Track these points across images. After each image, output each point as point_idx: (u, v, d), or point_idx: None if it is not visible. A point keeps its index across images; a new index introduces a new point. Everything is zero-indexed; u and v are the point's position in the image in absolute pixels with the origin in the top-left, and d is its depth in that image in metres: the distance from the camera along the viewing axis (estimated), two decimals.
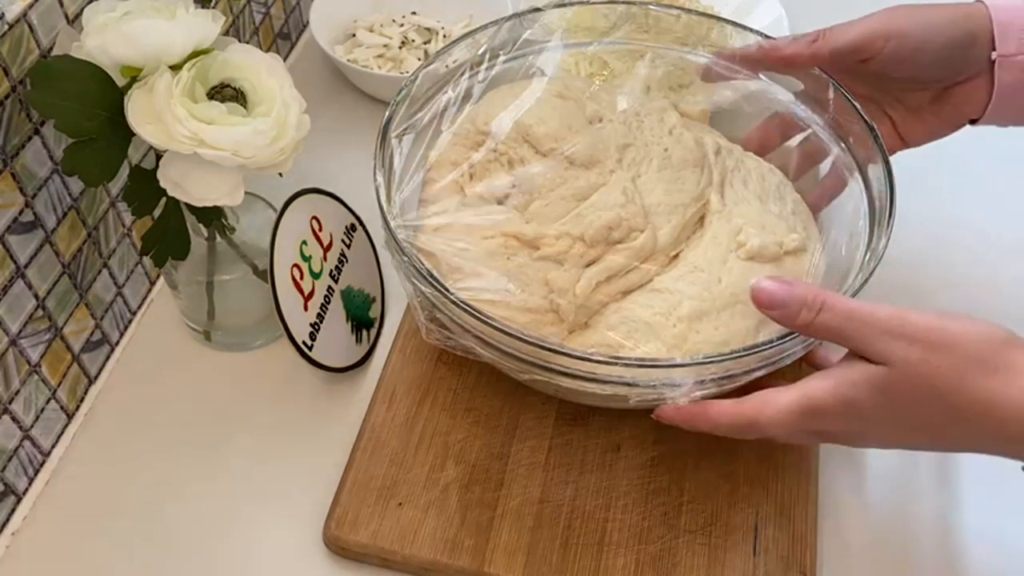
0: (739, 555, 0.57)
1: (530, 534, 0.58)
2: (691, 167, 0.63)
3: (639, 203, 0.60)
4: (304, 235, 0.65)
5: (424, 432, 0.63)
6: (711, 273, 0.58)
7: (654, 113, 0.65)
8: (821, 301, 0.48)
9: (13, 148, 0.54)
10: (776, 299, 0.49)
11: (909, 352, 0.46)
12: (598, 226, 0.58)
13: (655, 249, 0.60)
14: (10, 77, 0.53)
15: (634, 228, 0.59)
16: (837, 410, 0.48)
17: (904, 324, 0.46)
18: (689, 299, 0.57)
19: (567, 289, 0.57)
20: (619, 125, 0.63)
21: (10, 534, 0.60)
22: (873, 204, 0.60)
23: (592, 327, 0.58)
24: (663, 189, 0.61)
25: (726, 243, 0.60)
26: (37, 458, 0.62)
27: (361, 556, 0.58)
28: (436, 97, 0.64)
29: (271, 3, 0.85)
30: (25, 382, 0.59)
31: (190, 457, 0.63)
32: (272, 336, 0.69)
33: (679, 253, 0.61)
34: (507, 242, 0.58)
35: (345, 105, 0.87)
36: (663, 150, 0.63)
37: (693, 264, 0.59)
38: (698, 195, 0.62)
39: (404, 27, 0.90)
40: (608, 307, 0.59)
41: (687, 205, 0.61)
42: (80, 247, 0.62)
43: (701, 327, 0.56)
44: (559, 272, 0.58)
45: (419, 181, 0.62)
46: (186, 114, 0.51)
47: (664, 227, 0.60)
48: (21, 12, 0.53)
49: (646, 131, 0.64)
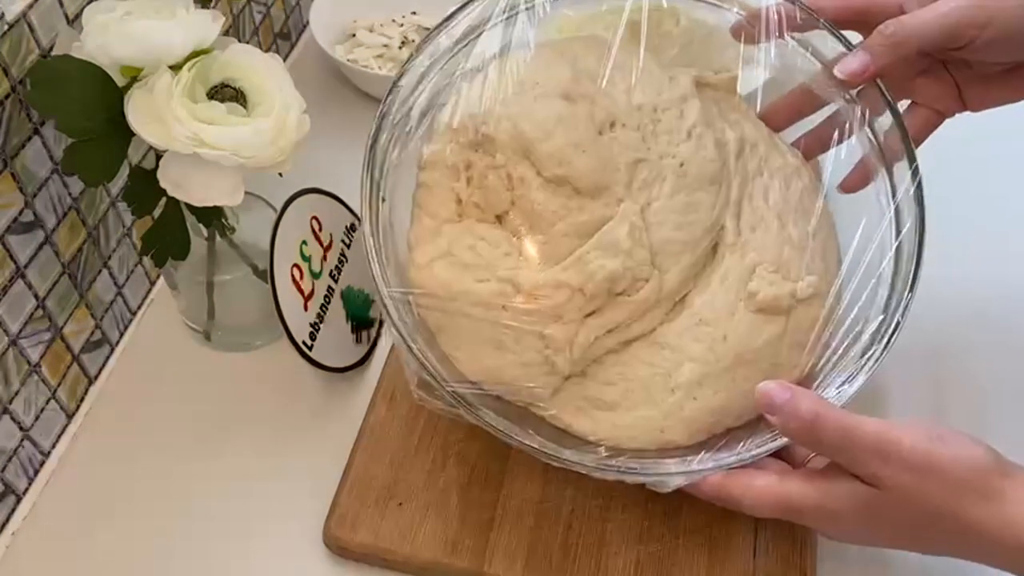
0: (739, 555, 0.57)
1: (530, 534, 0.58)
2: (707, 185, 0.56)
3: (646, 244, 0.55)
4: (304, 235, 0.65)
5: (424, 432, 0.63)
6: (717, 328, 0.55)
7: (674, 106, 0.57)
8: (815, 414, 0.47)
9: (13, 148, 0.54)
10: (773, 406, 0.49)
11: (901, 478, 0.45)
12: (599, 279, 0.53)
13: (660, 297, 0.55)
14: (10, 77, 0.53)
15: (639, 278, 0.54)
16: (817, 516, 0.49)
17: (898, 449, 0.45)
18: (691, 361, 0.54)
19: (564, 346, 0.54)
20: (632, 132, 0.56)
21: (10, 534, 0.60)
22: (900, 250, 0.56)
23: (589, 377, 0.56)
24: (674, 223, 0.55)
25: (736, 288, 0.56)
26: (37, 458, 0.62)
27: (361, 556, 0.58)
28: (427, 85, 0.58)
29: (271, 3, 0.85)
30: (25, 382, 0.59)
31: (190, 457, 0.63)
32: (272, 336, 0.69)
33: (686, 295, 0.57)
34: (503, 288, 0.54)
35: (345, 105, 0.87)
36: (679, 164, 0.56)
37: (699, 316, 0.55)
38: (712, 224, 0.56)
39: (404, 27, 0.90)
40: (608, 357, 0.56)
41: (698, 240, 0.56)
42: (80, 247, 0.62)
43: (700, 393, 0.54)
44: (556, 327, 0.53)
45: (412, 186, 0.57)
46: (186, 114, 0.51)
47: (672, 269, 0.55)
48: (21, 12, 0.53)
49: (661, 138, 0.56)
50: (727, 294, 0.56)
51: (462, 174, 0.56)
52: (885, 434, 0.46)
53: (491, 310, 0.53)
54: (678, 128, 0.57)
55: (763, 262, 0.56)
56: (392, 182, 0.57)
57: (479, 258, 0.54)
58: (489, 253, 0.54)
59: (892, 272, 0.56)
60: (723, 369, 0.54)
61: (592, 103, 0.56)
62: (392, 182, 0.57)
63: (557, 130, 0.54)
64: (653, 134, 0.56)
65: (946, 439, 0.46)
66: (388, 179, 0.56)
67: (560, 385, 0.55)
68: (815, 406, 0.47)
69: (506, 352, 0.54)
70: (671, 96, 0.57)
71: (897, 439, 0.45)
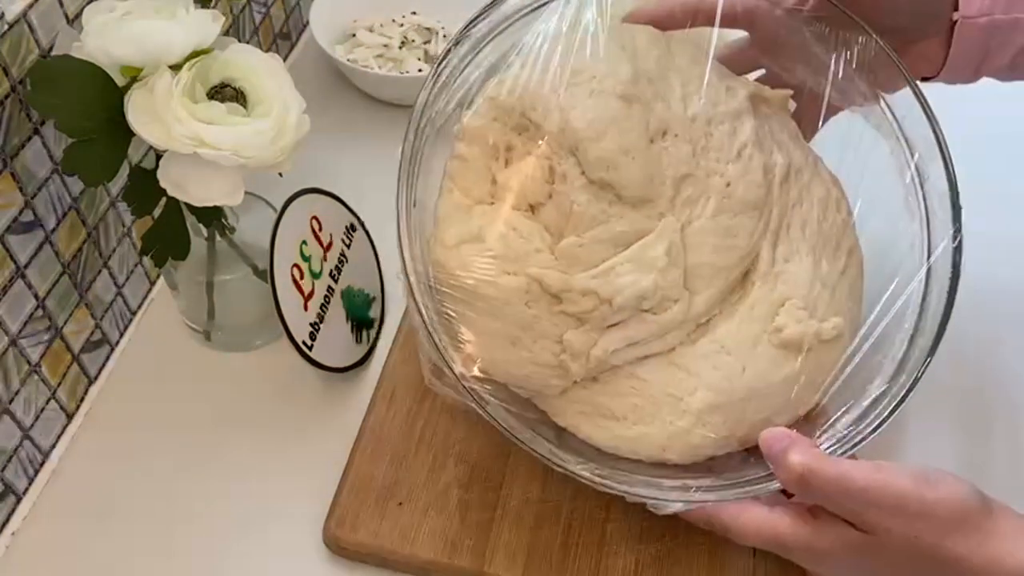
0: (739, 555, 0.57)
1: (530, 534, 0.58)
2: (750, 211, 0.55)
3: (682, 265, 0.53)
4: (304, 235, 0.65)
5: (424, 432, 0.63)
6: (738, 358, 0.54)
7: (728, 121, 0.56)
8: (806, 468, 0.47)
9: (13, 148, 0.54)
10: (771, 453, 0.49)
11: (892, 523, 0.46)
12: (629, 295, 0.52)
13: (686, 319, 0.54)
14: (10, 77, 0.53)
15: (669, 298, 0.53)
16: (805, 555, 0.49)
17: (886, 495, 0.46)
18: (706, 388, 0.53)
19: (582, 353, 0.53)
20: (684, 144, 0.54)
21: (10, 534, 0.60)
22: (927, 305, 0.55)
23: (600, 383, 0.55)
24: (712, 246, 0.54)
25: (763, 320, 0.55)
26: (37, 458, 0.62)
27: (361, 556, 0.58)
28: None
29: (271, 3, 0.85)
30: (25, 382, 0.59)
31: (190, 457, 0.63)
32: (272, 336, 0.69)
33: (711, 319, 0.56)
34: (530, 285, 0.52)
35: (345, 105, 0.87)
36: (725, 185, 0.54)
37: (721, 343, 0.54)
38: (748, 251, 0.55)
39: (404, 27, 0.90)
40: (621, 368, 0.55)
41: (733, 267, 0.55)
42: (80, 247, 0.62)
43: (709, 420, 0.53)
44: (577, 334, 0.52)
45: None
46: (186, 114, 0.51)
47: (702, 293, 0.54)
48: (21, 12, 0.53)
49: (712, 154, 0.55)
50: (752, 325, 0.55)
51: (501, 155, 0.53)
52: (873, 482, 0.46)
53: (514, 306, 0.52)
54: (729, 146, 0.55)
55: (793, 297, 0.55)
56: (428, 153, 0.54)
57: (509, 250, 0.52)
58: (520, 246, 0.52)
59: (915, 323, 0.55)
60: (736, 401, 0.54)
61: (648, 108, 0.54)
62: (428, 153, 0.54)
63: (610, 132, 0.52)
64: (704, 149, 0.55)
65: (932, 480, 0.47)
66: (426, 148, 0.54)
67: (570, 388, 0.55)
68: (806, 460, 0.47)
69: (521, 349, 0.53)
70: (727, 109, 0.56)
71: (884, 484, 0.46)
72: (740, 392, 0.54)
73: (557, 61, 0.53)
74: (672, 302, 0.53)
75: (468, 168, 0.54)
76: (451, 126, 0.55)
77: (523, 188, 0.53)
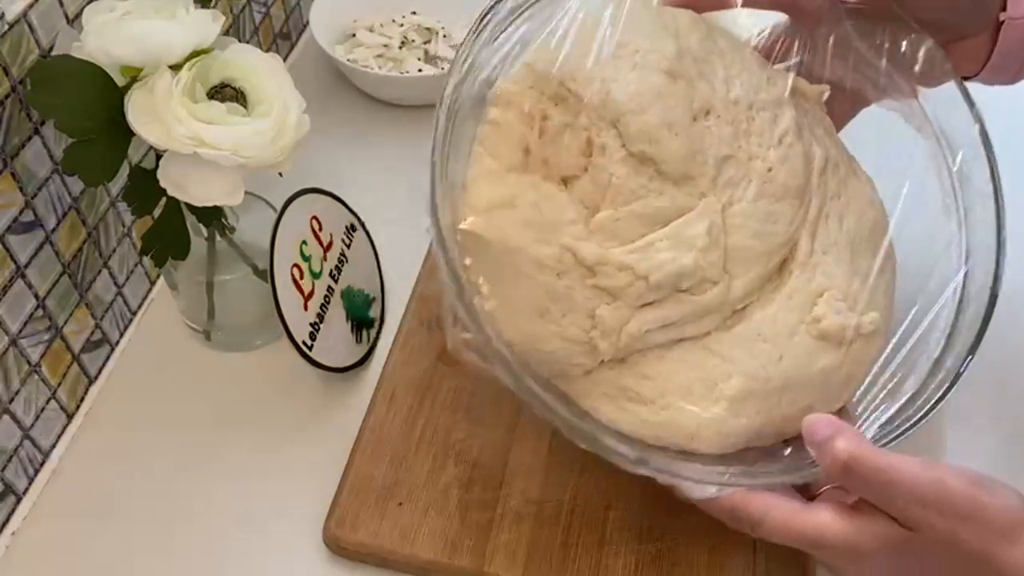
0: (739, 555, 0.57)
1: (530, 534, 0.58)
2: (790, 199, 0.54)
3: (722, 247, 0.52)
4: (304, 235, 0.65)
5: (424, 432, 0.63)
6: (775, 347, 0.52)
7: (769, 108, 0.55)
8: (851, 456, 0.45)
9: (13, 148, 0.54)
10: (814, 440, 0.47)
11: (939, 522, 0.44)
12: (668, 272, 0.50)
13: (724, 303, 0.52)
14: (10, 77, 0.53)
15: (708, 279, 0.52)
16: (843, 553, 0.47)
17: (940, 495, 0.44)
18: (741, 375, 0.52)
19: (613, 331, 0.51)
20: (726, 126, 0.53)
21: (10, 534, 0.60)
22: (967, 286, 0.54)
23: (628, 365, 0.52)
24: (752, 230, 0.53)
25: (800, 310, 0.53)
26: (37, 458, 0.62)
27: (361, 556, 0.58)
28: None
29: (271, 3, 0.85)
30: (25, 382, 0.59)
31: (190, 457, 0.63)
32: (272, 336, 0.69)
33: (748, 306, 0.54)
34: (563, 256, 0.50)
35: (345, 105, 0.87)
36: (767, 169, 0.53)
37: (758, 331, 0.53)
38: (787, 238, 0.54)
39: (404, 27, 0.90)
40: (652, 351, 0.53)
41: (772, 253, 0.54)
42: (80, 247, 0.62)
43: (742, 410, 0.51)
44: (609, 310, 0.50)
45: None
46: (186, 114, 0.51)
47: (741, 277, 0.53)
48: (21, 12, 0.53)
49: (753, 139, 0.54)
50: (790, 314, 0.53)
51: (536, 123, 0.51)
52: (924, 477, 0.45)
53: (545, 275, 0.50)
54: (770, 132, 0.54)
55: (831, 288, 0.54)
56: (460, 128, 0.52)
57: (543, 218, 0.50)
58: (553, 215, 0.50)
59: (952, 322, 0.54)
60: (772, 390, 0.52)
61: (691, 86, 0.52)
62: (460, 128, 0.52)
63: (653, 106, 0.51)
64: (746, 132, 0.54)
65: (986, 485, 0.45)
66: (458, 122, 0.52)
67: (595, 367, 0.52)
68: (853, 447, 0.46)
69: (548, 322, 0.51)
70: (768, 97, 0.55)
71: (936, 480, 0.45)
72: (776, 381, 0.52)
73: (599, 33, 0.51)
74: (711, 284, 0.52)
75: (501, 134, 0.52)
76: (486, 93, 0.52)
77: (558, 159, 0.51)
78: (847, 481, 0.46)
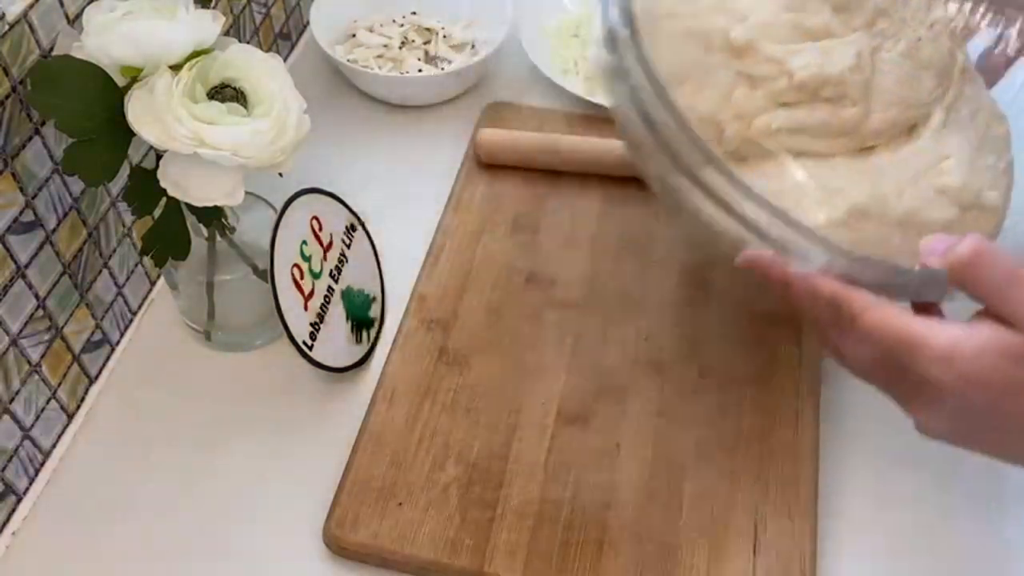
0: (739, 555, 0.57)
1: (530, 534, 0.58)
2: (933, 73, 0.55)
3: (867, 75, 0.53)
4: (304, 235, 0.65)
5: (424, 432, 0.63)
6: (898, 183, 0.52)
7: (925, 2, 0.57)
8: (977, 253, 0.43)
9: (14, 148, 0.54)
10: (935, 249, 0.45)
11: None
12: (813, 73, 0.51)
13: (858, 129, 0.53)
14: (10, 77, 0.53)
15: (849, 97, 0.52)
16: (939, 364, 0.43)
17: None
18: (863, 192, 0.51)
19: (746, 116, 0.50)
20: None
21: (10, 534, 0.60)
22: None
23: (747, 164, 0.51)
24: (896, 78, 0.54)
25: (927, 162, 0.53)
26: (37, 458, 0.62)
27: (361, 556, 0.58)
28: None
29: (271, 3, 0.85)
30: (25, 382, 0.59)
31: (190, 457, 0.63)
32: (272, 336, 0.69)
33: (875, 147, 0.54)
34: (714, 32, 0.50)
35: (345, 105, 0.87)
36: (916, 38, 0.55)
37: (881, 167, 0.53)
38: (925, 102, 0.55)
39: (404, 27, 0.90)
40: (774, 155, 0.52)
41: (910, 106, 0.54)
42: (80, 247, 0.62)
43: (858, 225, 0.50)
44: (746, 92, 0.50)
45: None
46: (186, 114, 0.51)
47: (879, 113, 0.53)
48: (21, 12, 0.53)
49: (910, 10, 0.56)
50: (917, 162, 0.53)
51: None
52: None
53: (692, 45, 0.50)
54: (924, 15, 0.56)
55: (959, 157, 0.54)
56: None
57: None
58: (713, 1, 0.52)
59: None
60: (889, 220, 0.51)
61: None
62: None
63: None
64: (904, 2, 0.55)
65: None
66: None
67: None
68: (977, 244, 0.43)
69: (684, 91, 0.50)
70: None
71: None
72: (895, 214, 0.51)
73: None
74: (851, 102, 0.52)
75: None
76: None
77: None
78: (968, 277, 0.43)
